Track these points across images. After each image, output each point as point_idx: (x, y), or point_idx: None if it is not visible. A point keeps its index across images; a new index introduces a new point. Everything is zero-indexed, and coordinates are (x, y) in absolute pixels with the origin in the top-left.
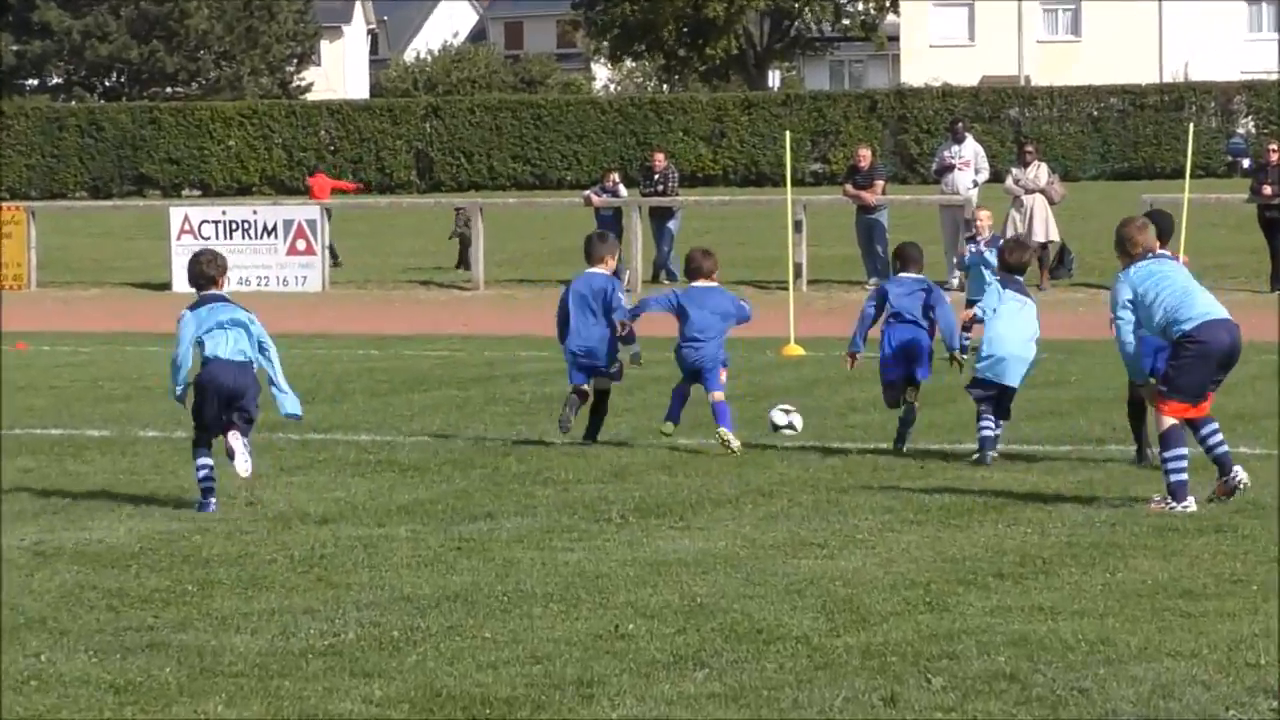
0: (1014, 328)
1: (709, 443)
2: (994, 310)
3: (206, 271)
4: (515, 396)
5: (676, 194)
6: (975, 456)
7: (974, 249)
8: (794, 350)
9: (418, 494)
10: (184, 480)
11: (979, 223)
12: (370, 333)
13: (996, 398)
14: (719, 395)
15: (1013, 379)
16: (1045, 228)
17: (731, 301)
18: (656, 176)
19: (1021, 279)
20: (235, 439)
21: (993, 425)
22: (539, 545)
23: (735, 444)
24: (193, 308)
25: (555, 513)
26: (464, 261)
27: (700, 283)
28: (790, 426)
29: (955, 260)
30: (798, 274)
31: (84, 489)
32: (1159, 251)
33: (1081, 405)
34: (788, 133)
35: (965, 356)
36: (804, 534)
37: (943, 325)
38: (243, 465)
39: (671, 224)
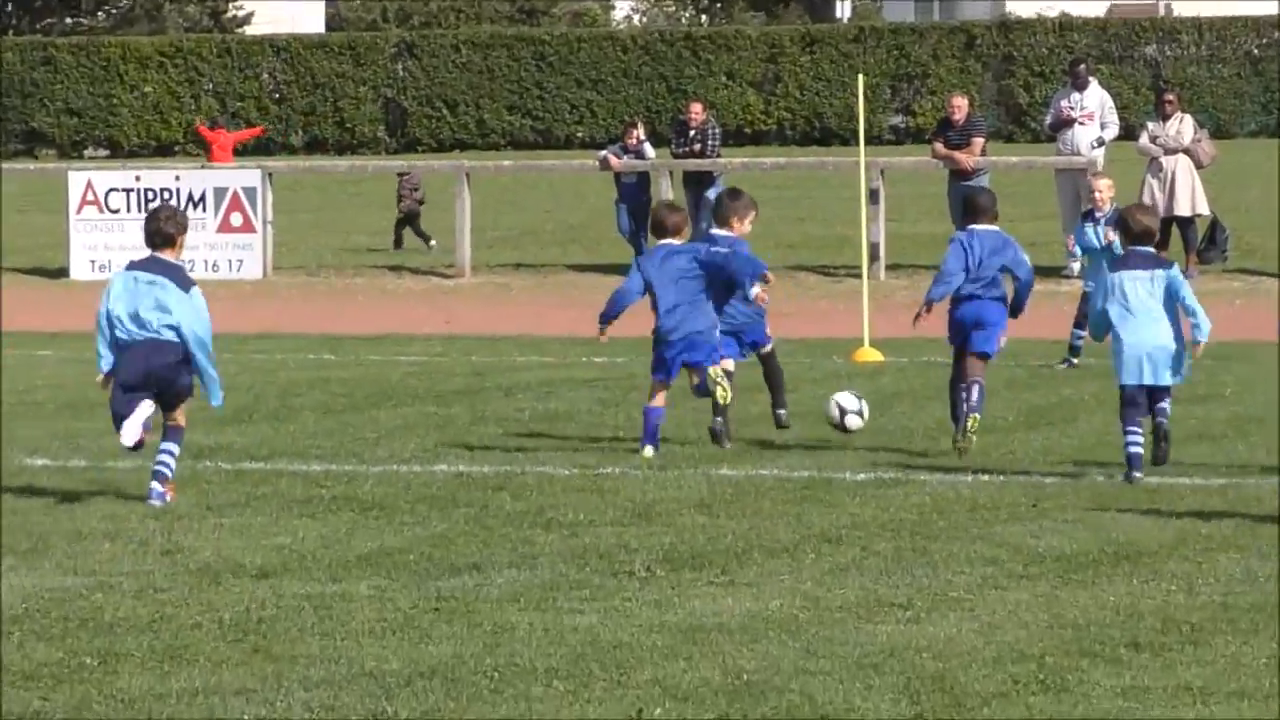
0: (1142, 314)
1: (760, 473)
2: (1107, 304)
3: (163, 229)
4: (511, 414)
5: (718, 155)
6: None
7: (1090, 231)
8: (869, 355)
9: (384, 540)
10: (83, 521)
11: (1098, 194)
12: (325, 332)
13: (1147, 401)
14: (717, 369)
15: (1154, 376)
16: (1191, 198)
17: (694, 254)
18: (693, 133)
19: (1150, 249)
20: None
21: (1139, 438)
22: (540, 606)
23: (725, 385)
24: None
25: (561, 564)
26: (401, 239)
27: (665, 242)
28: (860, 414)
29: (1069, 244)
30: (874, 257)
31: None
32: None
33: (1239, 426)
34: (861, 76)
35: (1076, 361)
36: (881, 591)
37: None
38: (130, 431)
39: (711, 192)
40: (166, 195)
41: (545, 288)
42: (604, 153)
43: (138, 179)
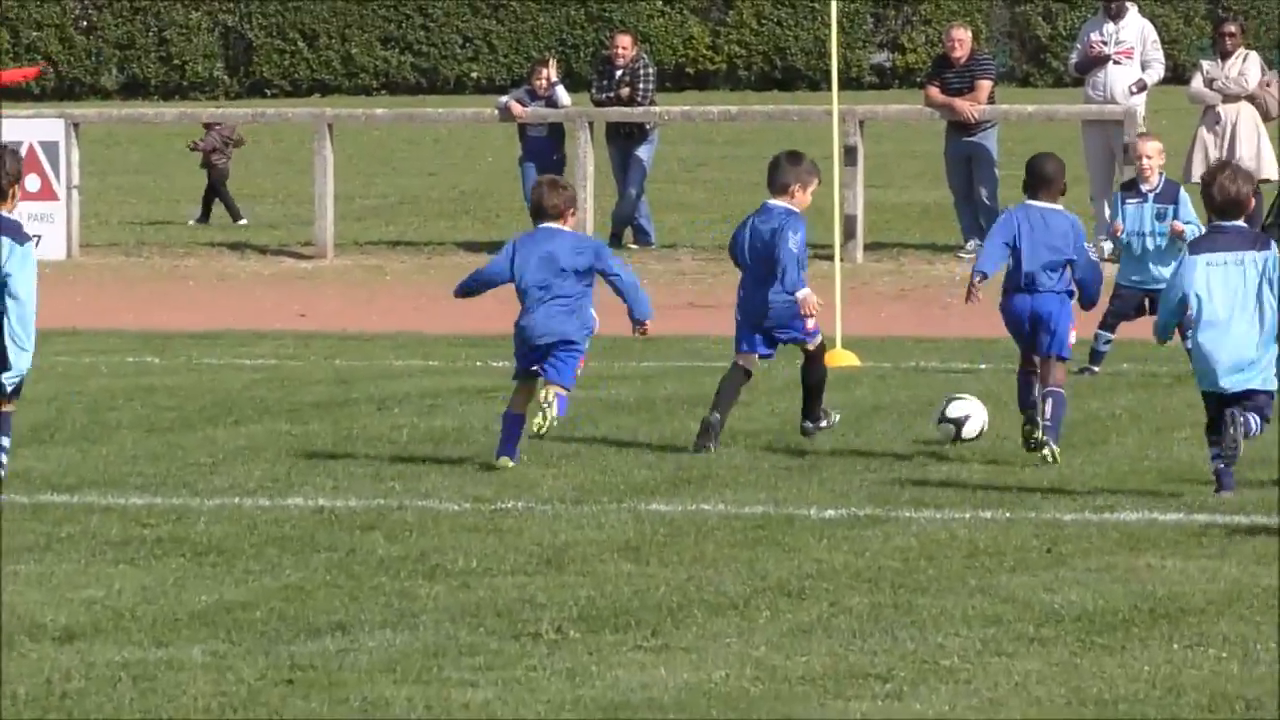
0: (1227, 307)
1: (702, 509)
2: (1190, 292)
3: None
4: (385, 434)
5: (652, 102)
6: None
7: (1137, 211)
8: (842, 358)
9: (223, 592)
10: None
11: (1144, 161)
12: (146, 328)
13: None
14: (553, 389)
15: (1235, 382)
16: (1256, 158)
17: (578, 244)
18: (620, 73)
19: (1240, 223)
20: None
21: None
22: (421, 677)
23: (550, 414)
24: None
25: (448, 623)
26: (209, 211)
27: (545, 225)
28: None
29: (1115, 228)
30: (849, 234)
31: None
32: None
33: None
34: (834, 1)
35: (1098, 369)
36: (854, 659)
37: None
38: None
39: (643, 150)
40: None
41: (429, 272)
42: (505, 99)
43: None
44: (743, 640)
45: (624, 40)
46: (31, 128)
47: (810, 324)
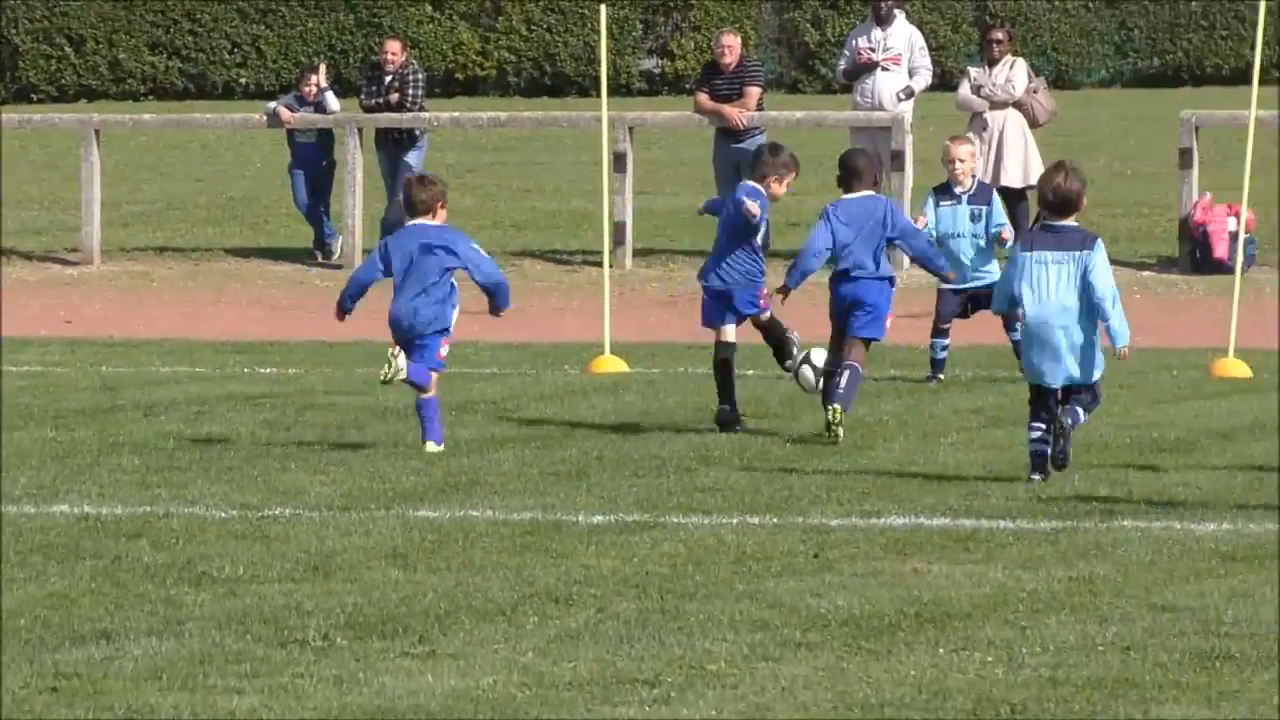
0: (1054, 305)
1: (470, 515)
2: (1017, 289)
3: None
4: (151, 440)
5: (422, 108)
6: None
7: (952, 212)
8: (610, 364)
9: None
10: None
11: (955, 165)
12: None
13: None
14: (425, 390)
15: (1055, 377)
16: (1023, 166)
17: (443, 237)
18: (389, 79)
19: (1072, 221)
20: None
21: (1043, 433)
22: (187, 684)
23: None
24: None
25: (214, 631)
26: None
27: (418, 220)
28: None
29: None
30: (619, 240)
31: None
32: None
33: (1078, 454)
34: (603, 7)
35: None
36: (622, 664)
37: (919, 256)
38: None
39: (413, 156)
40: None
41: (196, 278)
42: (274, 104)
43: None
44: (510, 646)
45: (393, 46)
46: None
47: (762, 300)
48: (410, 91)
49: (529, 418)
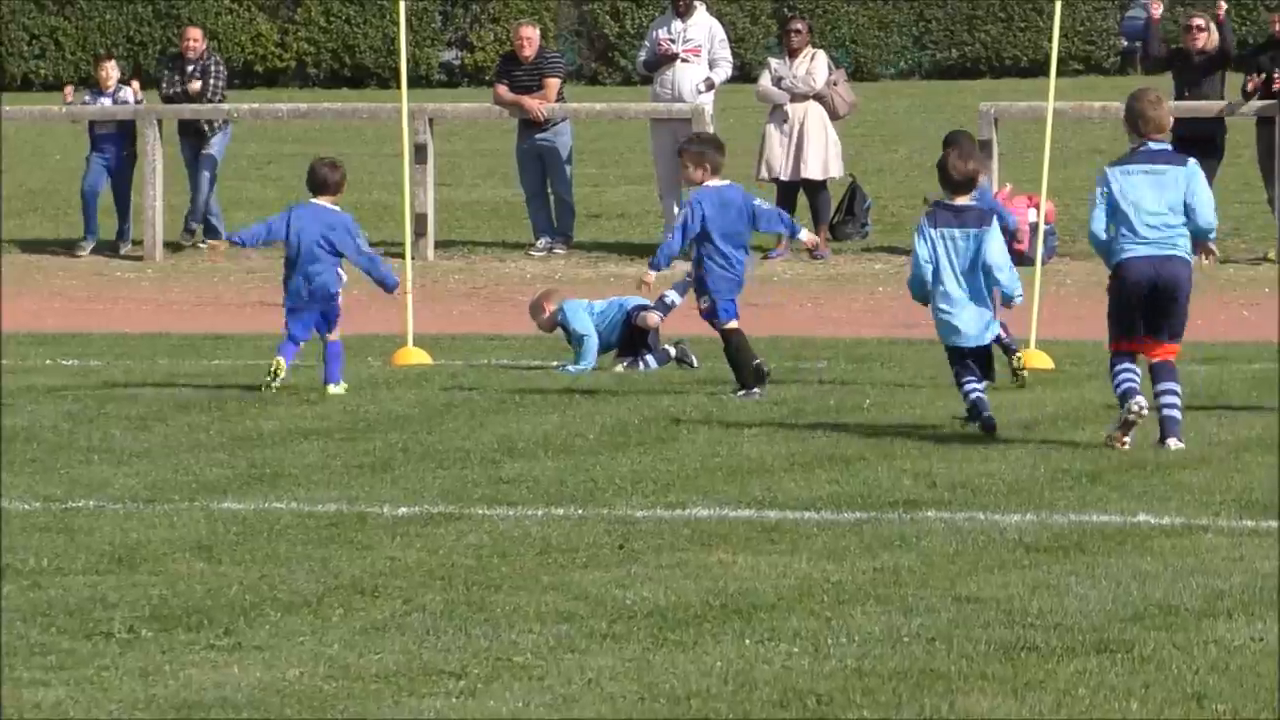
0: (959, 275)
1: (274, 507)
2: (925, 263)
3: None
4: None
5: (222, 98)
6: (966, 420)
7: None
8: (413, 356)
9: None
10: None
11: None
12: None
13: (972, 357)
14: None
15: (970, 339)
16: (824, 158)
17: (341, 219)
18: (191, 68)
19: (969, 200)
20: None
21: (977, 382)
22: None
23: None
24: None
25: (19, 623)
26: None
27: (320, 199)
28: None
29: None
30: (420, 231)
31: None
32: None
33: (877, 446)
34: (402, 1)
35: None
36: (428, 656)
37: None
38: None
39: (214, 147)
40: None
41: (6, 270)
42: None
43: None
44: (316, 638)
45: (194, 33)
46: None
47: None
48: (212, 82)
49: (333, 409)
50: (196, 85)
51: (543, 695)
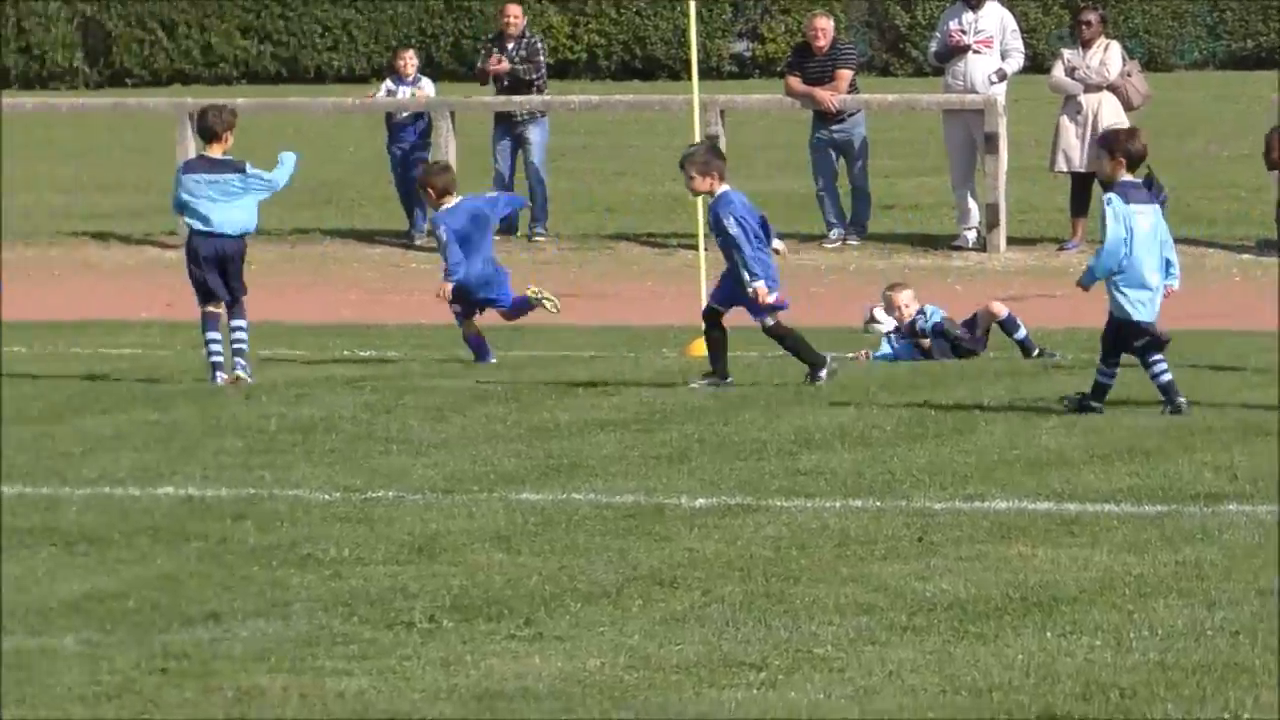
0: (1144, 246)
1: (573, 499)
2: (1127, 240)
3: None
4: (254, 422)
5: (543, 83)
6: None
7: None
8: (704, 347)
9: (95, 582)
10: None
11: (900, 305)
12: (11, 318)
13: (1128, 341)
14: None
15: (1145, 313)
16: None
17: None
18: (512, 46)
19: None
20: None
21: (1109, 373)
22: (295, 666)
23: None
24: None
25: (321, 613)
26: None
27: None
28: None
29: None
30: None
31: None
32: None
33: (1180, 438)
34: None
35: None
36: (728, 648)
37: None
38: None
39: (535, 133)
40: None
41: (293, 261)
42: (384, 86)
43: None
44: (616, 629)
45: (513, 10)
46: None
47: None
48: (538, 60)
49: (629, 400)
50: (504, 65)
51: (843, 687)
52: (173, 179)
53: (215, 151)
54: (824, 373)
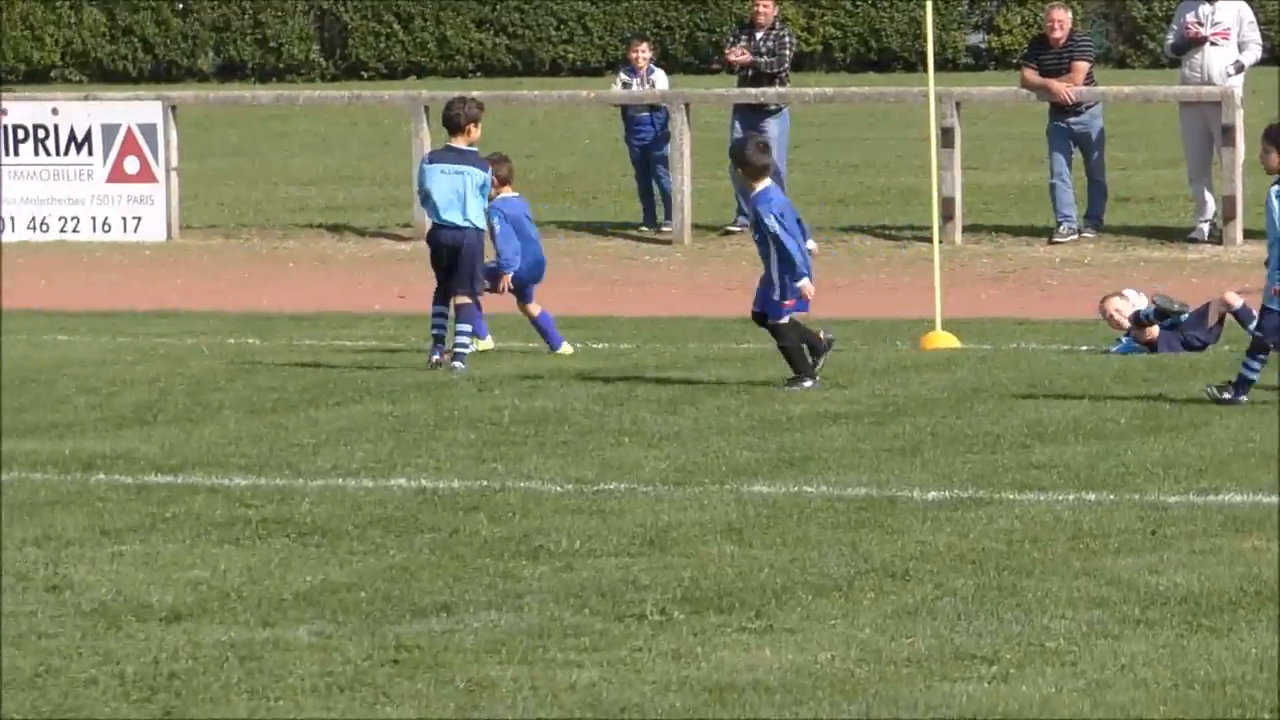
0: None
1: (804, 491)
2: None
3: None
4: (486, 414)
5: (786, 76)
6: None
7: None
8: (941, 340)
9: (327, 573)
10: None
11: (1112, 312)
12: (247, 309)
13: None
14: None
15: None
16: None
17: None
18: (760, 35)
19: None
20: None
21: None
22: (526, 658)
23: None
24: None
25: (553, 604)
26: None
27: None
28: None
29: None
30: (947, 215)
31: None
32: None
33: None
34: None
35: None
36: (960, 641)
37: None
38: None
39: (773, 125)
40: (41, 135)
41: (553, 253)
42: (620, 78)
43: (3, 113)
44: (847, 621)
45: (765, 0)
46: (129, 110)
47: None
48: (784, 53)
49: (861, 393)
50: (745, 57)
51: (1075, 680)
52: (415, 171)
53: (459, 143)
54: (807, 382)
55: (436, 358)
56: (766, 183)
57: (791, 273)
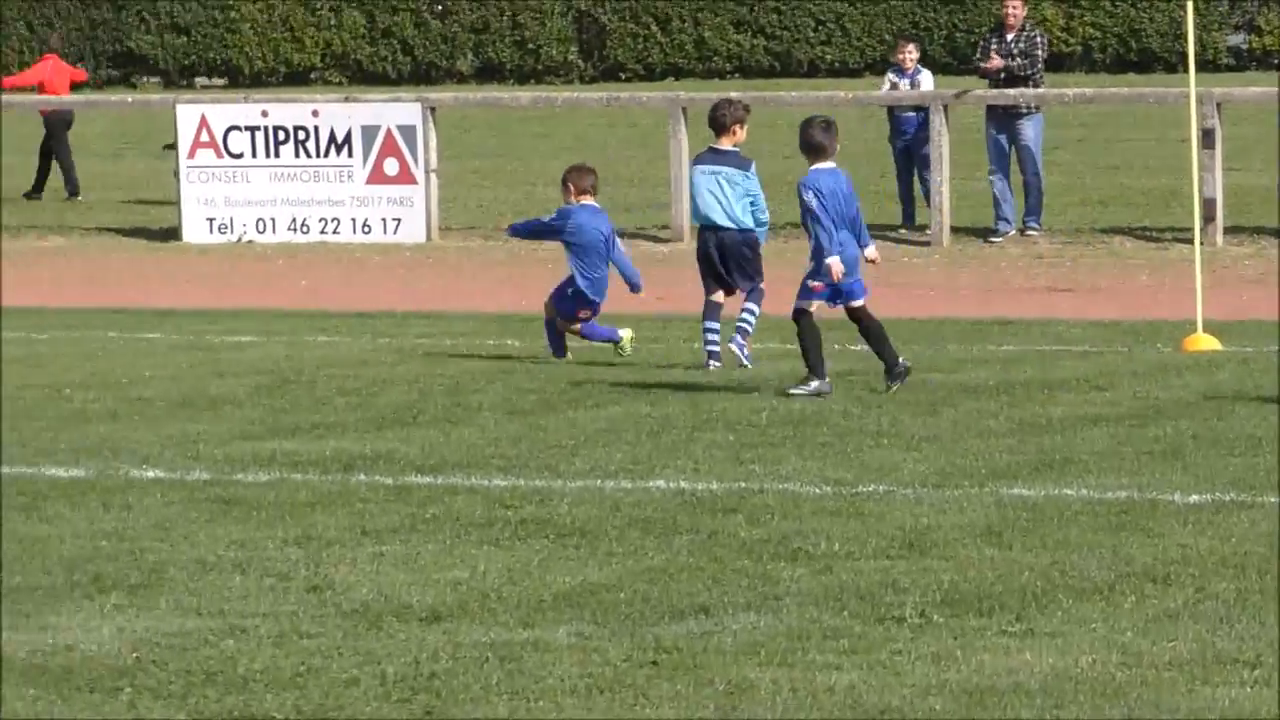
0: None
1: (1064, 494)
2: None
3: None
4: (745, 416)
5: (1040, 78)
6: None
7: None
8: (1203, 343)
9: (587, 574)
10: (207, 549)
11: None
12: (506, 310)
13: None
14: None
15: None
16: None
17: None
18: (1011, 38)
19: None
20: None
21: None
22: (785, 660)
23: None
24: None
25: (811, 607)
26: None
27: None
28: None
29: None
30: (1209, 217)
31: (44, 562)
32: None
33: None
34: None
35: None
36: (1222, 645)
37: None
38: None
39: (1029, 129)
40: (301, 136)
41: (788, 252)
42: (888, 79)
43: (264, 114)
44: (1108, 625)
45: (1014, 2)
46: (389, 112)
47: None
48: (1036, 55)
49: (1122, 395)
50: (998, 63)
51: None
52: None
53: (724, 144)
54: (814, 384)
55: (715, 365)
56: (827, 164)
57: (827, 250)
